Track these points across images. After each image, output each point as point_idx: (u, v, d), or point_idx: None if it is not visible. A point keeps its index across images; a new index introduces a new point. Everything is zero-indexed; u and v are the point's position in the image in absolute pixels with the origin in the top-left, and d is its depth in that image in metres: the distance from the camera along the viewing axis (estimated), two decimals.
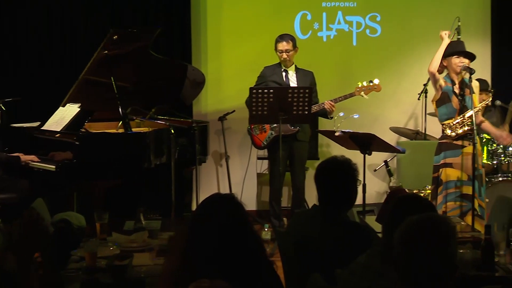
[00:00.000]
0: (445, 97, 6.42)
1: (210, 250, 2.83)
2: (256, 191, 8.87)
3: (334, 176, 3.99)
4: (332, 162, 4.12)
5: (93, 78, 6.98)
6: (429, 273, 2.56)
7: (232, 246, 2.84)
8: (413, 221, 2.63)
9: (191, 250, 2.87)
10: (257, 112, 6.73)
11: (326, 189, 3.98)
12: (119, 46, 6.90)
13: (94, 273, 3.90)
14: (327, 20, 8.92)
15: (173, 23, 8.74)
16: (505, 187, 7.34)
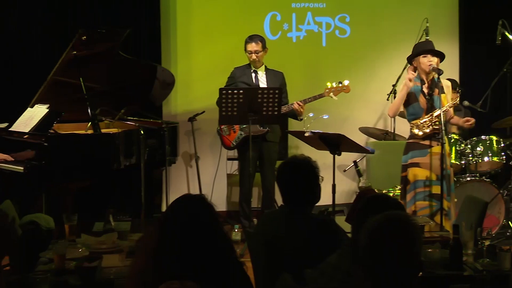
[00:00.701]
0: (412, 97, 6.46)
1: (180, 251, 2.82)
2: (226, 192, 8.86)
3: (295, 175, 4.00)
4: (292, 161, 4.14)
5: (62, 78, 6.93)
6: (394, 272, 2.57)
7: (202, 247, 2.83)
8: (378, 220, 2.64)
9: (161, 251, 2.86)
10: (227, 113, 6.73)
11: (289, 188, 4.00)
12: (88, 47, 6.86)
13: (63, 275, 3.87)
14: (296, 21, 8.94)
15: (142, 24, 8.71)
16: (473, 186, 7.41)
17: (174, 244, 2.84)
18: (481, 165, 7.66)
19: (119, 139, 6.57)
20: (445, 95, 6.40)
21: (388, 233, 2.59)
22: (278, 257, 3.78)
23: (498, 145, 7.62)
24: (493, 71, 8.43)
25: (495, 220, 7.50)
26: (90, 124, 6.83)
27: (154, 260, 2.87)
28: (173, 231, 2.87)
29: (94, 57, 7.01)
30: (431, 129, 6.34)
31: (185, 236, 2.85)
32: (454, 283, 3.86)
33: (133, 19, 8.65)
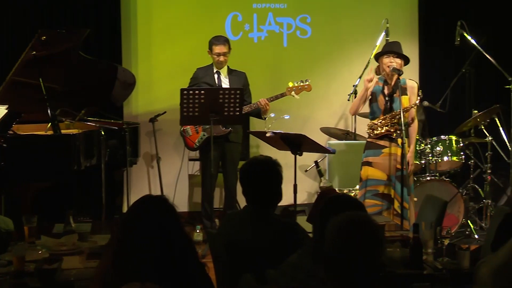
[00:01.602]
0: (373, 97, 6.53)
1: (141, 252, 2.81)
2: (188, 193, 8.85)
3: (259, 176, 4.01)
4: (255, 161, 4.15)
5: (21, 79, 6.86)
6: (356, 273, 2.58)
7: (163, 248, 2.82)
8: (341, 221, 2.65)
9: (122, 253, 2.85)
10: (188, 113, 6.71)
11: (252, 189, 4.00)
12: (47, 47, 6.79)
13: (22, 277, 3.83)
14: (257, 21, 8.95)
15: (102, 24, 8.67)
16: (432, 186, 7.47)
17: (135, 246, 2.83)
18: (441, 164, 7.73)
19: (79, 140, 6.52)
20: (407, 97, 6.46)
21: (351, 234, 2.60)
22: (240, 257, 3.78)
23: (458, 145, 7.70)
24: (452, 72, 8.52)
25: (454, 219, 7.58)
26: (50, 125, 6.77)
27: (115, 261, 2.86)
28: (134, 232, 2.86)
29: (54, 57, 6.94)
30: (386, 129, 6.40)
31: (146, 237, 2.83)
32: (414, 282, 3.89)
33: (94, 19, 8.59)
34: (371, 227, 2.65)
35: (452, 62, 8.88)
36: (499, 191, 8.36)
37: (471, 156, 8.03)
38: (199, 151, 7.75)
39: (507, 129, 7.90)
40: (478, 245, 6.37)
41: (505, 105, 7.74)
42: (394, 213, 6.33)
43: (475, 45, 7.82)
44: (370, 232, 2.63)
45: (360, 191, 6.55)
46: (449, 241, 4.48)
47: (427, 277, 4.03)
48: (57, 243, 4.50)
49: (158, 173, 8.35)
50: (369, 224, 2.66)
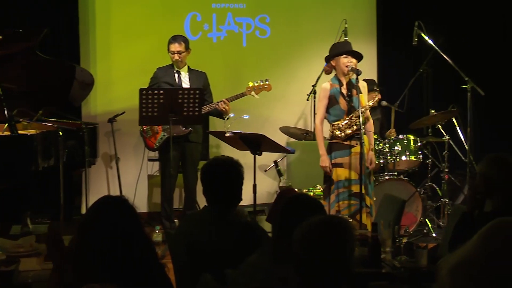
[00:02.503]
0: (333, 100, 6.54)
1: (100, 253, 2.79)
2: (147, 193, 8.81)
3: (219, 176, 4.01)
4: (216, 162, 4.15)
5: None
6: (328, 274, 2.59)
7: (123, 249, 2.81)
8: (315, 223, 2.66)
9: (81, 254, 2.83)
10: (147, 113, 6.69)
11: (212, 189, 4.00)
12: (4, 47, 6.72)
13: None
14: (217, 21, 8.94)
15: (60, 23, 8.58)
16: (391, 185, 7.53)
17: (94, 246, 2.81)
18: (399, 164, 7.79)
19: (36, 141, 6.46)
20: (363, 95, 6.51)
21: (323, 237, 2.61)
22: (200, 258, 3.77)
23: (415, 144, 7.76)
24: (410, 72, 8.59)
25: (412, 217, 7.65)
26: (7, 125, 6.70)
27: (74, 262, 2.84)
28: (93, 233, 2.84)
29: (11, 57, 6.87)
30: (353, 130, 6.44)
31: (105, 238, 2.82)
32: (372, 281, 3.92)
33: (51, 18, 8.51)
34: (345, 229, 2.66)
35: (410, 62, 8.95)
36: (456, 190, 8.45)
37: (428, 155, 8.11)
38: (158, 151, 7.72)
39: (464, 129, 7.98)
40: (436, 244, 6.44)
41: (461, 105, 7.83)
42: (367, 211, 6.36)
43: (432, 45, 7.89)
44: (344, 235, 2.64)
45: (333, 194, 6.54)
46: (407, 240, 4.53)
47: (386, 276, 4.06)
48: (14, 245, 4.46)
49: (117, 174, 8.31)
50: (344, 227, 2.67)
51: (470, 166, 7.66)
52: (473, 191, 4.30)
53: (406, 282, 4.03)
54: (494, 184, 4.15)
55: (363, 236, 4.77)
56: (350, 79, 6.50)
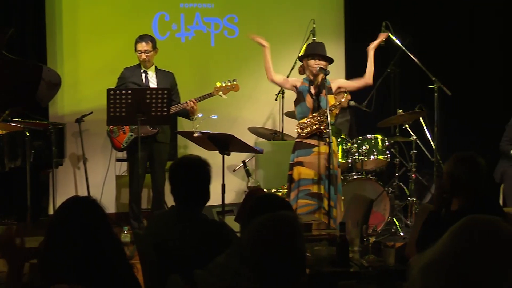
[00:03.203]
0: (300, 97, 6.59)
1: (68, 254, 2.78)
2: (115, 193, 8.77)
3: (187, 175, 4.00)
4: (184, 161, 4.14)
5: None
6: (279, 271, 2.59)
7: (91, 250, 2.80)
8: (260, 221, 2.66)
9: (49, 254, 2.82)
10: (115, 114, 6.66)
11: (182, 189, 3.99)
12: None
13: None
14: (185, 21, 8.92)
15: (26, 23, 8.51)
16: (359, 185, 7.57)
17: (62, 247, 2.79)
18: (367, 163, 7.83)
19: (3, 141, 6.41)
20: (333, 96, 6.54)
21: (271, 233, 2.62)
22: (168, 258, 3.76)
23: (383, 144, 7.81)
24: (378, 72, 8.62)
25: (380, 217, 7.69)
26: None
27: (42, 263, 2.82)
28: (61, 234, 2.83)
29: None
30: (314, 128, 6.47)
31: (73, 239, 2.80)
32: (341, 280, 3.94)
33: (17, 18, 8.43)
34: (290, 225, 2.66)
35: (378, 62, 8.97)
36: (423, 189, 8.52)
37: (396, 154, 8.16)
38: (126, 152, 7.69)
39: (431, 128, 8.04)
40: (404, 243, 6.48)
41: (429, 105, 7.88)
42: (323, 212, 6.38)
43: (399, 45, 7.94)
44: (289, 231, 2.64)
45: (293, 192, 6.58)
46: (375, 239, 4.55)
47: (354, 275, 4.08)
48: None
49: (84, 174, 8.25)
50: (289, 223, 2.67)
51: (437, 166, 7.73)
52: (440, 190, 4.33)
53: (374, 281, 4.05)
54: (460, 183, 4.19)
55: (332, 236, 4.79)
56: (322, 79, 6.53)
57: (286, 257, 2.59)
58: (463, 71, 9.01)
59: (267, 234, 2.61)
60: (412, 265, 2.60)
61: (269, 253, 2.58)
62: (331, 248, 4.33)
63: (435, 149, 7.83)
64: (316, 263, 4.09)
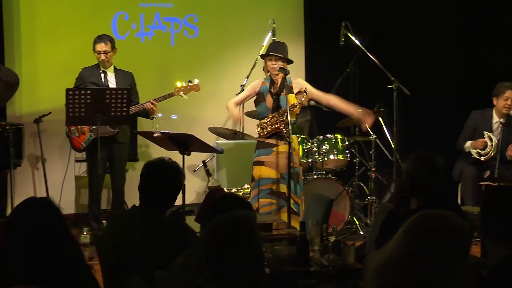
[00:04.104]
0: (260, 97, 6.60)
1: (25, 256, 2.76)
2: (75, 194, 8.70)
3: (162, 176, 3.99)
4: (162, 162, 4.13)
5: None
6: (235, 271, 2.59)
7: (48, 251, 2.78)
8: (216, 221, 2.67)
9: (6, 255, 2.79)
10: (74, 114, 6.61)
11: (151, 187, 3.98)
12: None
13: None
14: (144, 21, 8.88)
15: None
16: (319, 184, 7.59)
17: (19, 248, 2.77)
18: (327, 163, 7.86)
19: None
20: (293, 95, 6.56)
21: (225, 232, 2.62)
22: (128, 259, 3.74)
23: (343, 143, 7.84)
24: (338, 71, 8.68)
25: (340, 216, 7.72)
26: None
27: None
28: (18, 235, 2.81)
29: None
30: (274, 128, 6.48)
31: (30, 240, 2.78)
32: (301, 279, 3.95)
33: None
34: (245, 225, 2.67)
35: (338, 62, 9.04)
36: (383, 188, 8.58)
37: (356, 154, 8.21)
38: (86, 152, 7.64)
39: (390, 128, 8.11)
40: (363, 241, 6.53)
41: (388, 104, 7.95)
42: (285, 211, 6.39)
43: (359, 45, 7.99)
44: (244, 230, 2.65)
45: (253, 190, 6.59)
46: (335, 238, 4.57)
47: (314, 274, 4.09)
48: None
49: (43, 175, 8.17)
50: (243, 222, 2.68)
51: (396, 165, 7.80)
52: (399, 189, 4.37)
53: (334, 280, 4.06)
54: (418, 182, 4.23)
55: (292, 235, 4.80)
56: (282, 78, 6.53)
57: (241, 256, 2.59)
58: (422, 71, 9.09)
59: (222, 234, 2.61)
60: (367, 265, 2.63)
61: (224, 252, 2.58)
62: (291, 248, 4.33)
63: (394, 149, 7.90)
64: (276, 263, 4.10)
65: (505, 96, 7.78)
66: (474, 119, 8.04)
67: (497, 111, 7.88)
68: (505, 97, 7.77)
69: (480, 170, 7.86)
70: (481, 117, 8.00)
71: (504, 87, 7.81)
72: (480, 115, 8.03)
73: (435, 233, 2.43)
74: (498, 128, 7.87)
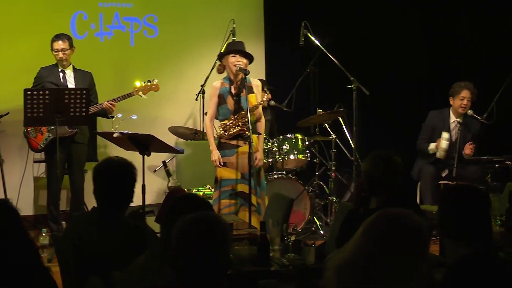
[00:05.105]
0: (221, 99, 6.58)
1: None
2: (33, 195, 8.61)
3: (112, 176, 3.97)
4: (109, 162, 4.11)
5: None
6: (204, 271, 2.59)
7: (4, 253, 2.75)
8: (187, 220, 2.66)
9: None
10: (32, 114, 6.55)
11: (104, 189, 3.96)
12: None
13: None
14: (103, 20, 8.82)
15: None
16: (279, 184, 7.61)
17: None
18: (287, 162, 7.88)
19: None
20: (254, 95, 6.56)
21: (197, 234, 2.61)
22: (87, 260, 3.72)
23: (303, 143, 7.87)
24: (298, 71, 8.70)
25: (301, 216, 7.75)
26: None
27: None
28: None
29: None
30: (238, 129, 6.48)
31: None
32: (261, 279, 3.95)
33: None
34: (218, 226, 2.67)
35: (298, 62, 9.07)
36: (343, 187, 8.62)
37: (316, 154, 8.24)
38: (44, 153, 7.57)
39: (350, 128, 8.15)
40: (324, 241, 6.55)
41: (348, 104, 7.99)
42: (253, 210, 6.40)
43: (318, 45, 8.02)
44: (217, 231, 2.65)
45: (215, 192, 6.58)
46: (296, 238, 4.60)
47: (274, 274, 4.11)
48: None
49: (1, 176, 8.07)
50: (216, 223, 2.68)
51: (356, 164, 7.84)
52: (358, 188, 4.38)
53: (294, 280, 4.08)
54: (377, 181, 4.25)
55: (252, 235, 4.81)
56: (242, 78, 6.54)
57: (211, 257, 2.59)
58: (381, 71, 9.14)
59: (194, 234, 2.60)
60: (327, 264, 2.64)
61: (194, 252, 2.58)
62: (252, 248, 4.34)
63: (354, 148, 7.95)
64: (237, 263, 4.10)
65: (461, 96, 7.89)
66: (432, 120, 8.13)
67: (454, 110, 7.99)
68: (461, 97, 7.88)
69: (438, 169, 7.95)
70: (439, 117, 8.10)
71: (459, 87, 7.92)
72: (438, 115, 8.12)
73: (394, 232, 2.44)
74: (455, 127, 7.97)
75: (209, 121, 6.71)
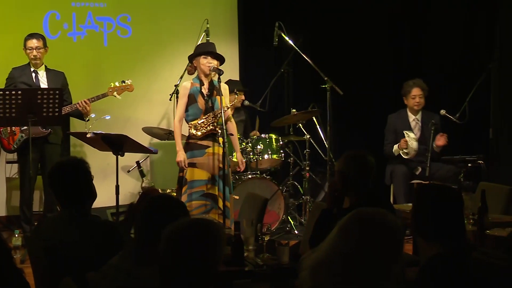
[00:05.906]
0: (192, 99, 6.58)
1: None
2: (6, 196, 8.55)
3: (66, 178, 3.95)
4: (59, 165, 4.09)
5: None
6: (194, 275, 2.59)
7: None
8: (183, 224, 2.65)
9: None
10: (5, 115, 6.50)
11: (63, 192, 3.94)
12: None
13: None
14: (76, 20, 8.77)
15: None
16: (254, 184, 7.62)
17: None
18: (262, 162, 7.89)
19: None
20: (223, 97, 6.56)
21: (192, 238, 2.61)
22: (60, 261, 3.70)
23: (277, 143, 7.89)
24: (272, 71, 8.72)
25: (275, 215, 7.77)
26: None
27: None
28: None
29: None
30: (209, 129, 6.48)
31: None
32: (236, 279, 3.95)
33: None
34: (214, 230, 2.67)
35: (272, 62, 9.09)
36: (317, 187, 8.66)
37: (290, 154, 8.26)
38: (17, 153, 7.52)
39: (324, 128, 8.17)
40: (298, 241, 6.57)
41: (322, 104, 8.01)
42: (219, 212, 6.40)
43: (292, 45, 8.04)
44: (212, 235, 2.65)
45: (185, 194, 6.57)
46: (270, 237, 4.59)
47: (248, 274, 4.11)
48: None
49: None
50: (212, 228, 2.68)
51: (330, 164, 7.86)
52: (332, 188, 4.39)
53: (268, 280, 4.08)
54: (350, 181, 4.27)
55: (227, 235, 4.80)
56: (212, 79, 6.55)
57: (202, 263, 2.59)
58: (355, 71, 9.18)
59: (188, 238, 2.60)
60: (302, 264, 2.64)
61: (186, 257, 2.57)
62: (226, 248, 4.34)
63: (328, 148, 7.97)
64: None
65: (412, 94, 8.06)
66: (392, 123, 8.23)
67: (410, 109, 8.11)
68: (413, 95, 8.06)
69: (410, 168, 7.99)
70: (398, 118, 8.21)
71: (409, 86, 8.09)
72: (397, 116, 8.24)
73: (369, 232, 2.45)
74: (416, 125, 8.10)
75: (177, 122, 6.69)
